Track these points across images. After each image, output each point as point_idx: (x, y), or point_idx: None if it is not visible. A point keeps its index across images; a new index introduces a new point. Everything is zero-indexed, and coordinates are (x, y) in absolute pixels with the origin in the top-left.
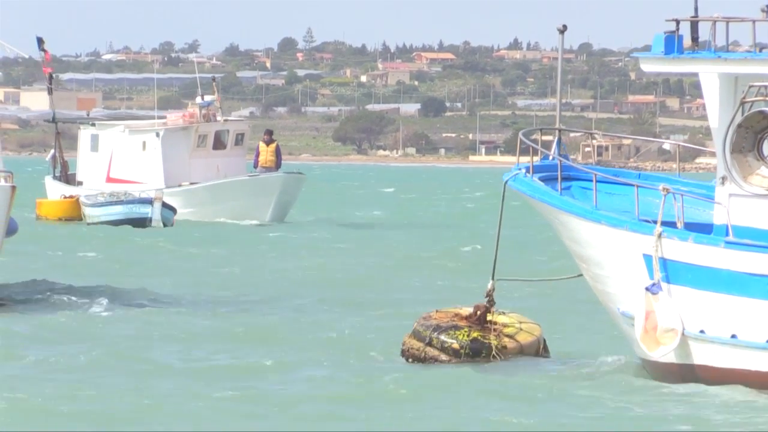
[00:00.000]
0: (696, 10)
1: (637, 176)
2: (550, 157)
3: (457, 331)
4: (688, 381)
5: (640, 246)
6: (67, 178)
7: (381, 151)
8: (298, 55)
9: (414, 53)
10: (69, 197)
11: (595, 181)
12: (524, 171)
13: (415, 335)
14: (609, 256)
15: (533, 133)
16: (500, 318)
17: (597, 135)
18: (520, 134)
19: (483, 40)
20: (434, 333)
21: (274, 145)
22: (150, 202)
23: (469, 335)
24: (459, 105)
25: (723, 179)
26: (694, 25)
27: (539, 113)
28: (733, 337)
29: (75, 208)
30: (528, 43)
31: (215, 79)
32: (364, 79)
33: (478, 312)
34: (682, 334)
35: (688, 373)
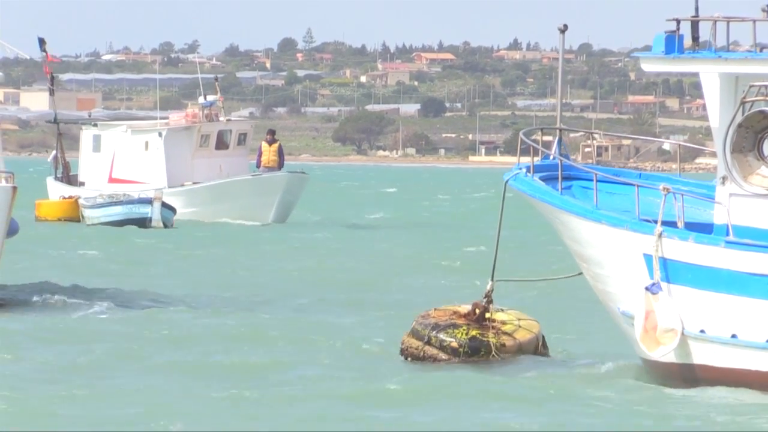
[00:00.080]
0: (696, 10)
1: (638, 176)
2: (551, 157)
3: (456, 330)
4: (688, 381)
5: (641, 245)
6: (69, 179)
7: (381, 152)
8: (298, 56)
9: (414, 53)
10: (68, 198)
11: (595, 181)
12: (525, 170)
13: (413, 334)
14: (609, 255)
15: (534, 132)
16: (499, 315)
17: (597, 135)
18: (521, 134)
19: (483, 41)
20: (433, 332)
21: (276, 145)
22: (149, 202)
23: (467, 333)
24: (459, 105)
25: (723, 179)
26: (695, 24)
27: (539, 113)
28: (734, 337)
29: (74, 209)
30: (528, 44)
31: (217, 79)
32: (363, 79)
33: (477, 310)
34: (682, 334)
35: (688, 373)
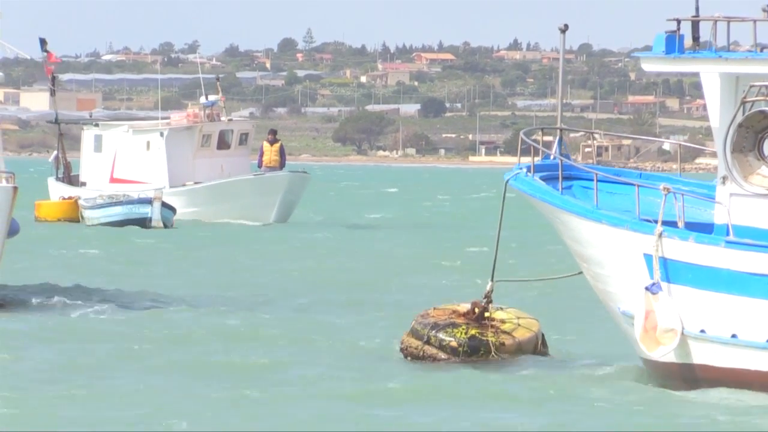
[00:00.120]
0: (697, 10)
1: (638, 176)
2: (551, 157)
3: (455, 329)
4: (689, 381)
5: (641, 245)
6: (70, 179)
7: (381, 152)
8: (298, 56)
9: (414, 54)
10: (68, 198)
11: (596, 181)
12: (525, 170)
13: (413, 333)
14: (609, 255)
15: (534, 132)
16: (498, 314)
17: (597, 135)
18: (522, 134)
19: (483, 41)
20: (432, 331)
21: (278, 145)
22: (149, 202)
23: (467, 333)
24: (459, 105)
25: (724, 179)
26: (695, 24)
27: (539, 114)
28: (734, 336)
29: (74, 210)
30: (528, 44)
31: (219, 79)
32: (363, 79)
33: (476, 309)
34: (682, 334)
35: (688, 373)
